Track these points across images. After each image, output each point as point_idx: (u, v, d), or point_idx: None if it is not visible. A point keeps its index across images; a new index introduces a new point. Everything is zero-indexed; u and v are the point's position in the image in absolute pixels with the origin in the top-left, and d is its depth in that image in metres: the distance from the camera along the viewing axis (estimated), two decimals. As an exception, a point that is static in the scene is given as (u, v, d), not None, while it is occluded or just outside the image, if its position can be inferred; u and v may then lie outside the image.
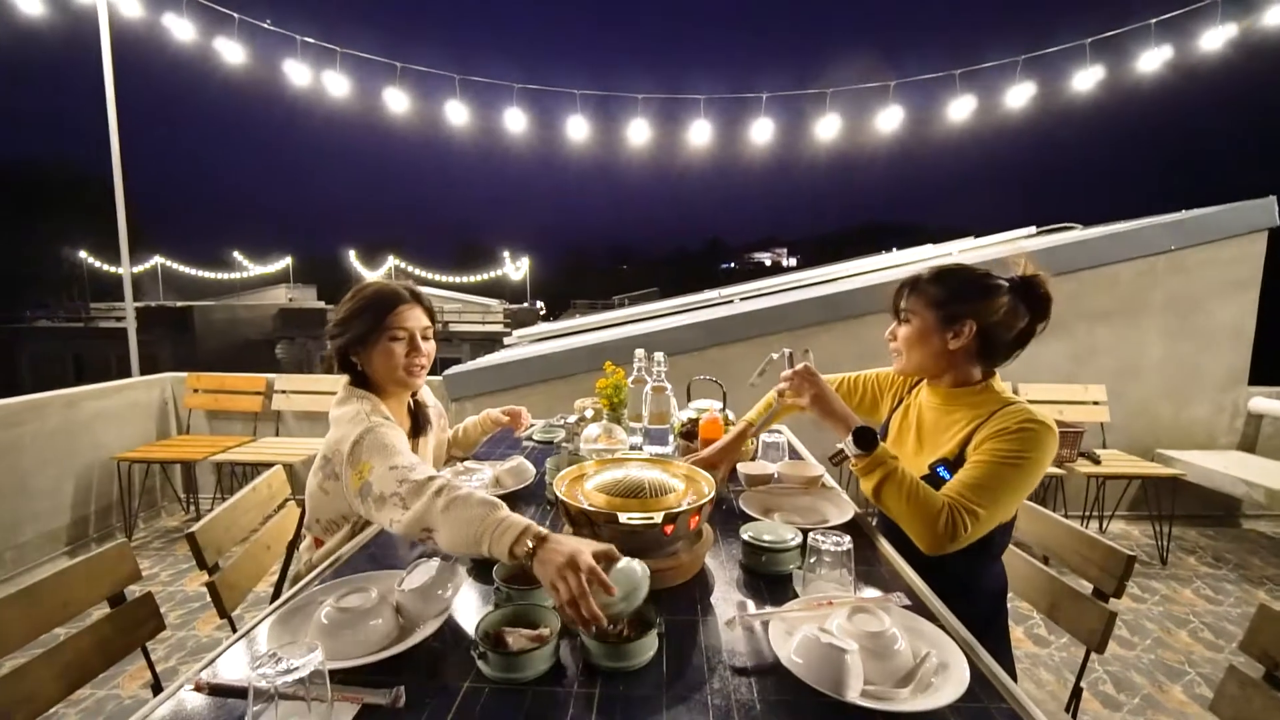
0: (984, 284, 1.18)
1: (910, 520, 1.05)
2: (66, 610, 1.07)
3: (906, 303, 1.23)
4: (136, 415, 3.31)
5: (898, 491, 1.06)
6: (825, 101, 4.58)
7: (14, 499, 2.67)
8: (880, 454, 1.08)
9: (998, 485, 1.06)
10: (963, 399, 1.21)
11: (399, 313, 1.33)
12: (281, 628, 0.85)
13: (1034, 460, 1.07)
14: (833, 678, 0.70)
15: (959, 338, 1.17)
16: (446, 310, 24.10)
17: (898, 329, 1.26)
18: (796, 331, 3.58)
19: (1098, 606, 1.18)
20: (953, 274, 1.21)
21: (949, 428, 1.21)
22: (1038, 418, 1.10)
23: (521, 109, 4.75)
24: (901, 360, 1.26)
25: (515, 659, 0.75)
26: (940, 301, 1.19)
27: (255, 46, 3.96)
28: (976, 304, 1.16)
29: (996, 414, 1.13)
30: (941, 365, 1.22)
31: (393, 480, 1.06)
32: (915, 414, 1.32)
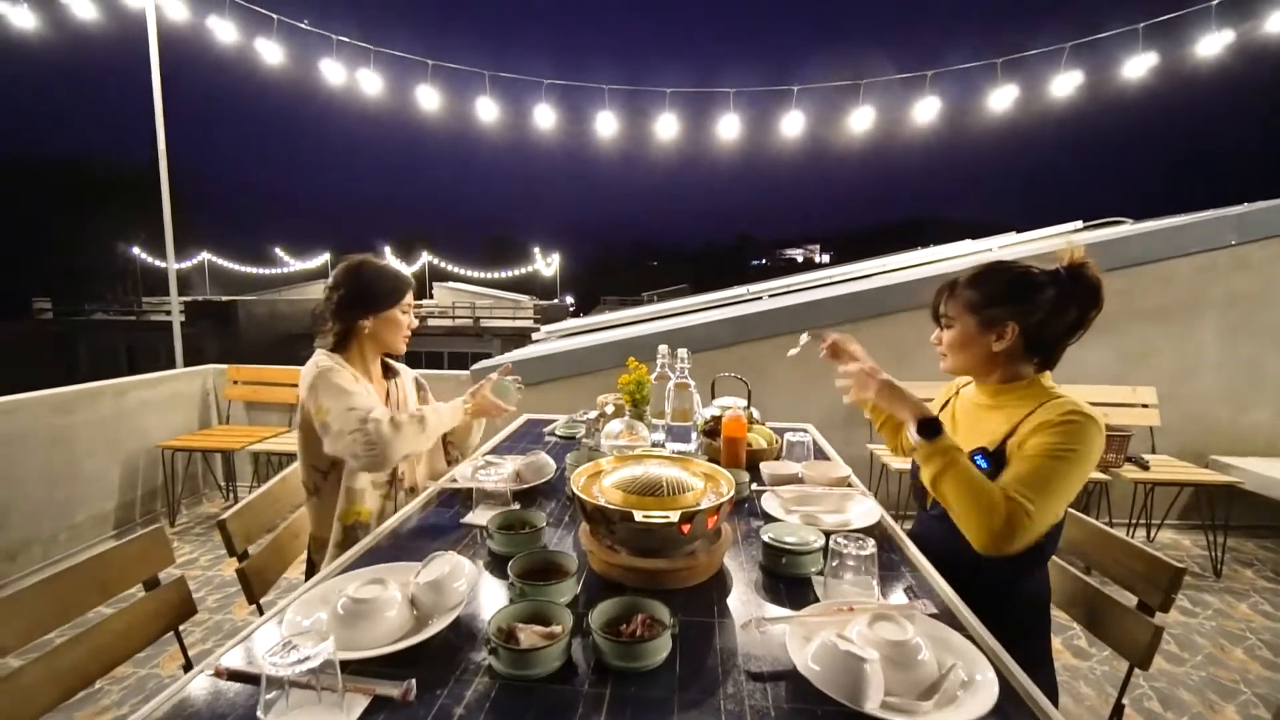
0: (1025, 281, 1.13)
1: (967, 514, 1.00)
2: (104, 593, 1.11)
3: (945, 307, 1.21)
4: (180, 405, 3.44)
5: (956, 482, 1.01)
6: (859, 94, 4.45)
7: (67, 483, 2.80)
8: (943, 442, 1.05)
9: (1048, 479, 1.00)
10: (1010, 394, 1.18)
11: (409, 294, 1.63)
12: (300, 617, 0.86)
13: (1082, 454, 1.02)
14: (850, 687, 0.67)
15: (1002, 340, 1.14)
16: (478, 306, 24.50)
17: (941, 334, 1.24)
18: (835, 328, 3.48)
19: (1143, 620, 1.11)
20: (991, 274, 1.16)
21: (993, 420, 1.18)
22: (1083, 409, 1.05)
23: (552, 105, 4.76)
24: (947, 362, 1.24)
25: (526, 656, 0.75)
26: (978, 305, 1.15)
27: (294, 47, 4.06)
28: (1018, 304, 1.12)
29: (1041, 407, 1.09)
30: (988, 367, 1.19)
31: (353, 419, 1.34)
32: (959, 407, 1.30)
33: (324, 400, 1.38)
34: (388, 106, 4.43)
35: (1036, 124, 33.77)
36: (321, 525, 1.47)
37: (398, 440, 1.35)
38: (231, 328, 16.08)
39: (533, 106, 4.63)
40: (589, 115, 4.89)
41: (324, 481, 1.47)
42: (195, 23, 3.67)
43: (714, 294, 5.41)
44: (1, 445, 2.57)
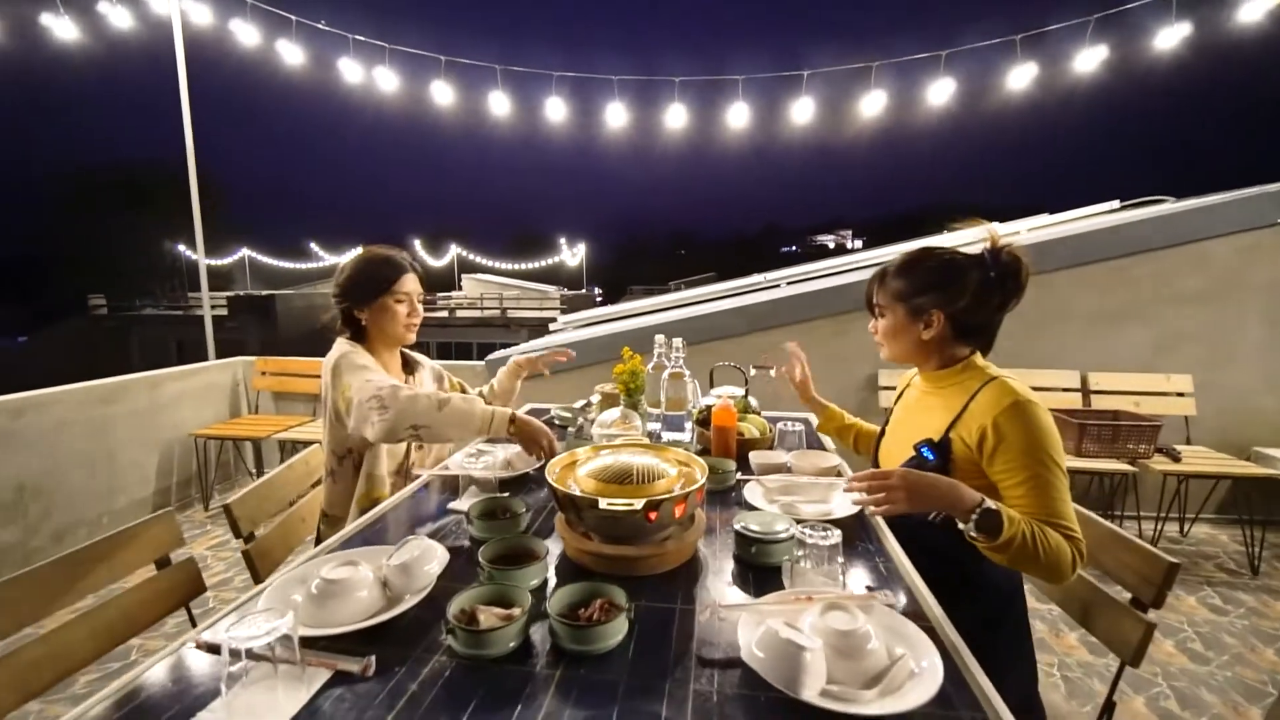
0: (948, 269, 1.15)
1: (1046, 575, 0.98)
2: (112, 573, 1.19)
3: (878, 297, 1.23)
4: (212, 395, 3.60)
5: (1029, 558, 0.94)
6: (874, 76, 4.31)
7: (108, 470, 2.97)
8: (1008, 536, 0.93)
9: (1060, 492, 1.00)
10: (947, 380, 1.20)
11: (405, 279, 1.57)
12: (280, 595, 0.90)
13: (1051, 440, 1.02)
14: (788, 674, 0.67)
15: (930, 328, 1.16)
16: (505, 297, 24.81)
17: (875, 321, 1.26)
18: (839, 316, 3.45)
19: (1134, 616, 1.08)
20: (917, 263, 1.19)
21: (935, 409, 1.20)
22: (1020, 396, 1.05)
23: (576, 98, 4.76)
24: (885, 350, 1.26)
25: (481, 636, 0.77)
26: (906, 294, 1.18)
27: (316, 47, 4.16)
28: (942, 291, 1.14)
29: (981, 393, 1.10)
30: (922, 354, 1.21)
31: (370, 388, 1.34)
32: (909, 396, 1.33)
33: (346, 378, 1.42)
34: (415, 104, 4.49)
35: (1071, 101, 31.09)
36: (334, 504, 1.53)
37: (411, 407, 1.32)
38: (270, 320, 16.65)
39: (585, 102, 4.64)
40: (614, 108, 4.86)
41: (339, 465, 1.52)
42: (220, 28, 3.80)
43: (731, 283, 5.37)
44: (49, 434, 2.74)
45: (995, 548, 0.95)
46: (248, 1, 3.65)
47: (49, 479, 2.73)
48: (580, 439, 1.55)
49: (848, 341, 3.38)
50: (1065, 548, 0.96)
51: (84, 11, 3.60)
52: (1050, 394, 3.21)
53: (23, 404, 2.66)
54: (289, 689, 0.71)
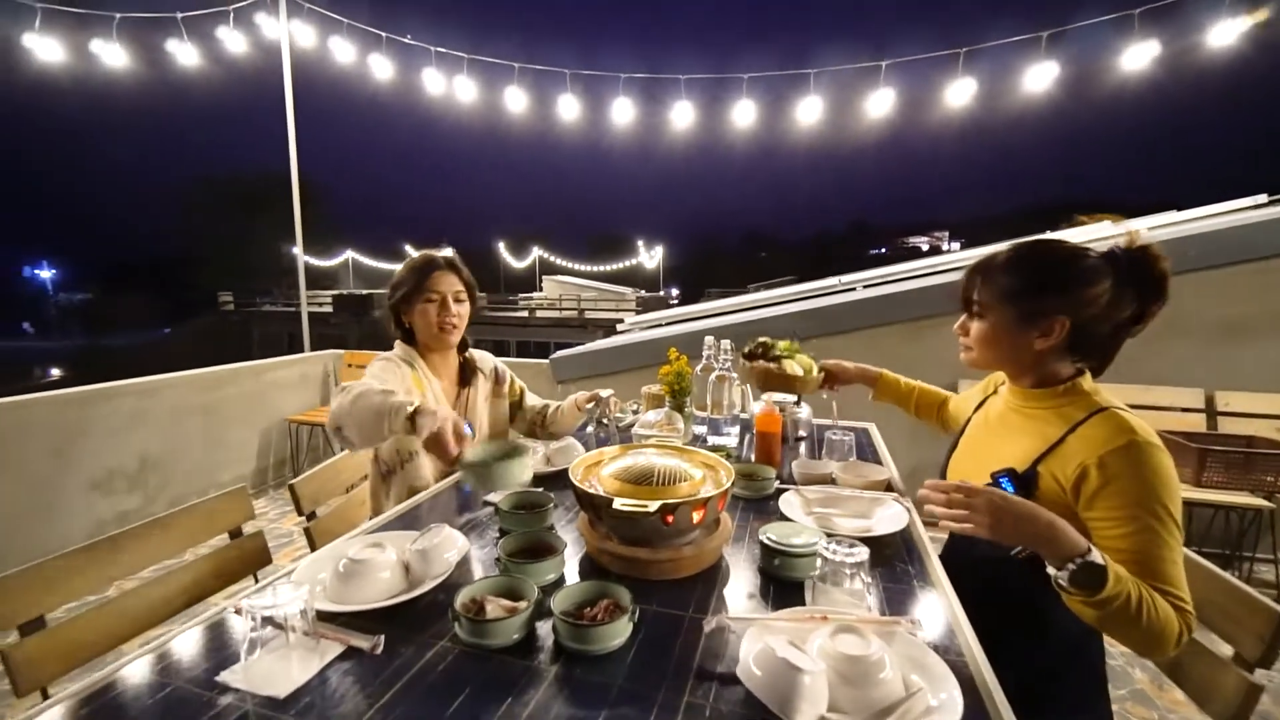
0: (1077, 268, 0.94)
1: (1142, 646, 0.83)
2: (193, 538, 1.32)
3: (980, 294, 1.02)
4: (305, 385, 3.92)
5: (1127, 622, 0.80)
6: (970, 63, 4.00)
7: (215, 449, 3.31)
8: (1110, 594, 0.78)
9: (1165, 550, 0.84)
10: (1044, 401, 1.01)
11: (435, 277, 1.53)
12: (311, 571, 0.96)
13: (1170, 496, 0.85)
14: (782, 696, 0.63)
15: (1048, 337, 0.96)
16: (583, 298, 25.38)
17: (969, 322, 1.05)
18: (914, 323, 3.24)
19: (1237, 675, 0.93)
20: (1035, 256, 0.98)
21: (1023, 433, 1.02)
22: (1139, 435, 0.87)
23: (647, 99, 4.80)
24: (972, 356, 1.07)
25: (483, 625, 0.78)
26: (1018, 293, 0.97)
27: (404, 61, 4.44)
28: (1069, 295, 0.94)
29: (1082, 427, 0.92)
30: (1022, 367, 1.02)
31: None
32: (994, 416, 1.14)
33: None
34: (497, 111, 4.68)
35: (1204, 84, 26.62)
36: (375, 494, 1.58)
37: (334, 408, 1.20)
38: (369, 316, 17.98)
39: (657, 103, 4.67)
40: (683, 106, 4.85)
41: (372, 465, 1.55)
42: (322, 47, 4.15)
43: (804, 285, 5.19)
44: (169, 414, 3.10)
45: (1089, 603, 0.79)
46: (344, 21, 3.97)
47: (167, 454, 3.08)
48: (603, 430, 1.57)
49: (922, 349, 3.17)
50: (1174, 621, 0.80)
51: (205, 37, 4.06)
52: (1166, 415, 2.85)
53: (148, 387, 3.02)
54: (303, 659, 0.75)
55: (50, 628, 1.02)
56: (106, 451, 2.83)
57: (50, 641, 1.01)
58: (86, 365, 24.48)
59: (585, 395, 1.67)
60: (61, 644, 1.02)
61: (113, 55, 3.87)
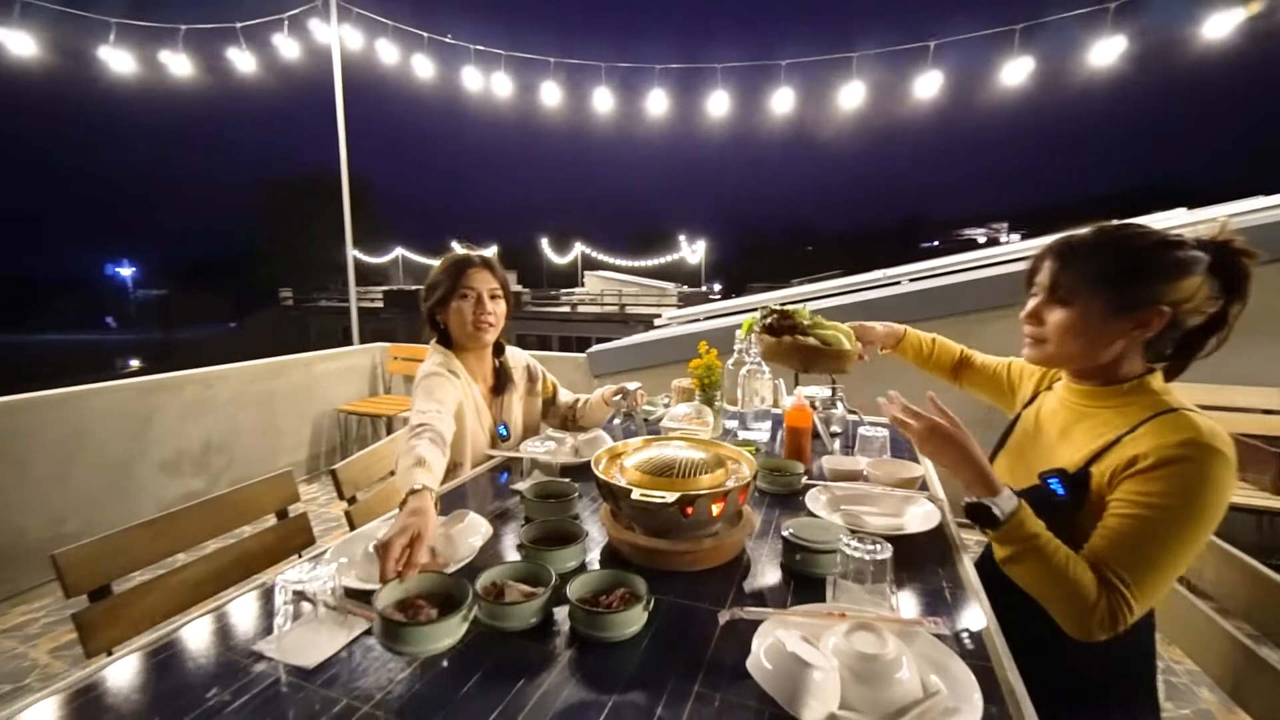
0: (1177, 254, 0.85)
1: (1052, 606, 0.82)
2: (243, 517, 1.40)
3: (1064, 277, 0.91)
4: (354, 376, 4.08)
5: (1031, 573, 0.83)
6: (1026, 41, 3.77)
7: (270, 435, 3.50)
8: (1016, 531, 0.83)
9: (1154, 550, 0.78)
10: (1108, 399, 0.94)
11: (469, 274, 1.54)
12: (345, 550, 1.00)
13: (1205, 506, 0.78)
14: (789, 691, 0.62)
15: (1146, 329, 0.87)
16: (625, 294, 25.46)
17: (1045, 310, 0.94)
18: (960, 317, 3.11)
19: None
20: (1130, 238, 0.88)
21: (1079, 432, 0.95)
22: (1203, 437, 0.80)
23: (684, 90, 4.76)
24: (1045, 350, 0.96)
25: (501, 608, 0.80)
26: (1114, 278, 0.87)
27: (446, 60, 4.55)
28: (1171, 282, 0.85)
29: (1145, 426, 0.85)
30: (1102, 362, 0.93)
31: (415, 417, 1.30)
32: (1047, 413, 1.06)
33: (415, 400, 1.44)
34: (543, 109, 4.74)
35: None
36: None
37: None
38: (417, 311, 18.61)
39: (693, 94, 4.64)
40: (718, 97, 4.79)
41: None
42: (369, 50, 4.30)
43: (848, 279, 5.05)
44: (229, 402, 3.29)
45: (998, 539, 0.85)
46: (389, 23, 4.10)
47: (229, 439, 3.27)
48: (630, 422, 1.58)
49: (971, 345, 3.04)
50: (1093, 592, 0.78)
51: (262, 45, 4.26)
52: (1244, 417, 2.65)
53: (210, 377, 3.21)
54: (332, 633, 0.79)
55: (115, 595, 1.10)
56: (173, 436, 3.02)
57: (115, 608, 1.09)
58: (162, 357, 26.26)
59: (612, 389, 1.68)
60: (125, 611, 1.10)
61: (179, 65, 4.12)
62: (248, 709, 0.68)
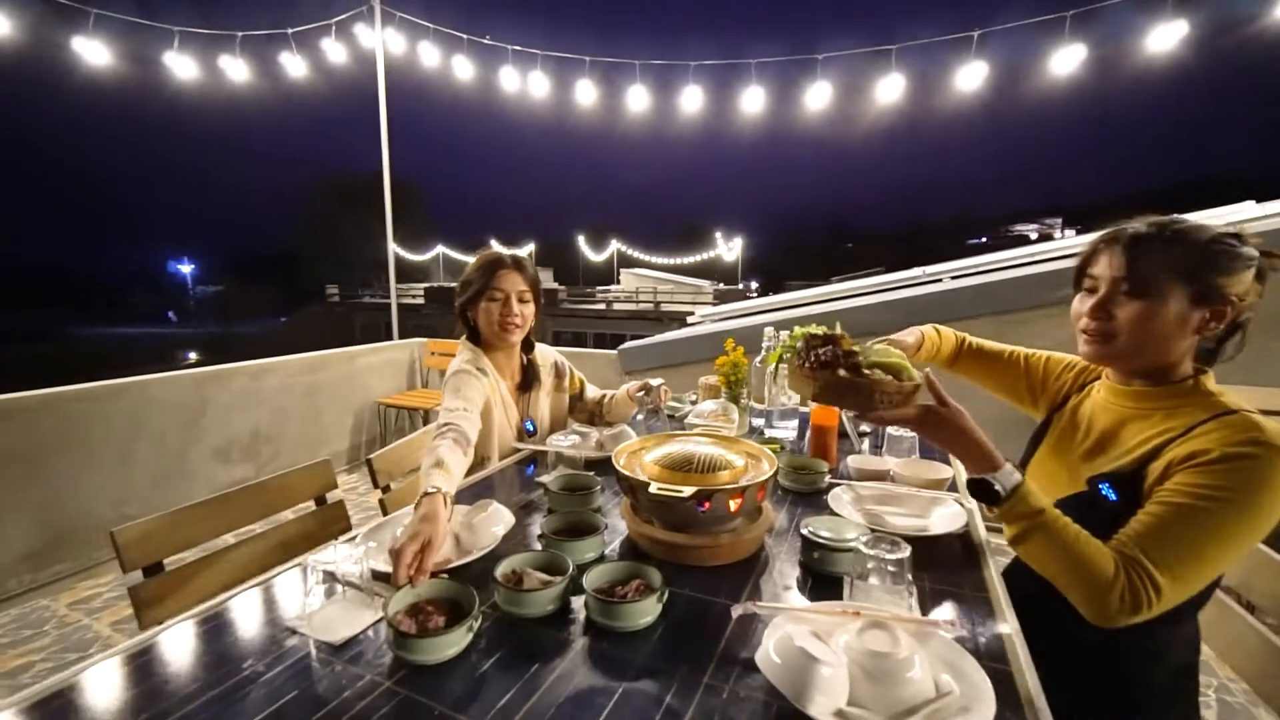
0: (1238, 250, 0.83)
1: (1066, 586, 0.80)
2: (286, 502, 1.47)
3: (1138, 268, 0.86)
4: (394, 370, 4.22)
5: (1044, 547, 0.81)
6: (1077, 29, 3.59)
7: (314, 426, 3.64)
8: (1019, 507, 0.82)
9: (1194, 537, 0.75)
10: (1160, 400, 0.90)
11: (499, 275, 1.57)
12: (375, 535, 1.05)
13: (1257, 503, 0.75)
14: (796, 685, 0.62)
15: (1217, 324, 0.85)
16: (660, 291, 25.46)
17: (1114, 304, 0.89)
18: (1004, 316, 3.01)
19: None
20: (1195, 231, 0.85)
21: (1131, 434, 0.91)
22: (1268, 436, 0.76)
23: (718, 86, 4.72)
24: (1114, 346, 0.90)
25: (519, 595, 0.83)
26: (1192, 270, 0.83)
27: (485, 61, 4.64)
28: (1234, 277, 0.83)
29: (1203, 426, 0.82)
30: (1167, 360, 0.89)
31: (443, 415, 1.35)
32: (1087, 415, 1.02)
33: (444, 397, 1.46)
34: (585, 109, 4.78)
35: None
36: None
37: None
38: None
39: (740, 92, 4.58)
40: (753, 92, 4.74)
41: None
42: (411, 52, 4.43)
43: (885, 276, 4.94)
44: (276, 393, 3.44)
45: (1002, 515, 0.84)
46: (430, 26, 4.21)
47: (275, 428, 3.42)
48: (654, 418, 1.58)
49: (1011, 344, 2.94)
50: (1106, 561, 0.76)
51: (312, 49, 4.43)
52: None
53: (259, 369, 3.37)
54: (359, 612, 0.82)
55: (168, 572, 1.18)
56: (224, 425, 3.19)
57: (167, 584, 1.17)
58: (219, 349, 27.62)
59: (637, 384, 1.69)
60: (176, 586, 1.18)
61: (237, 70, 4.32)
62: (278, 680, 0.72)
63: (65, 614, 2.29)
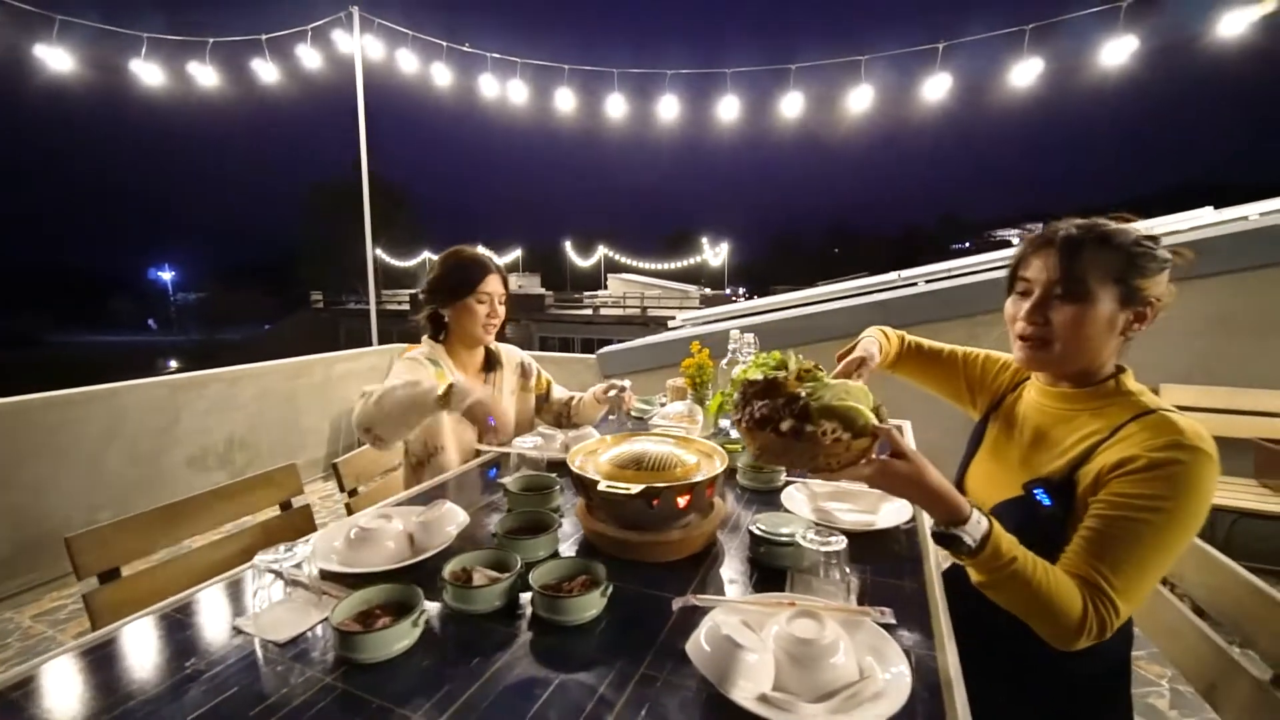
0: (1157, 252, 0.87)
1: (1037, 624, 0.78)
2: (248, 507, 1.47)
3: (1072, 272, 0.87)
4: (372, 376, 4.20)
5: (1017, 594, 0.78)
6: (1039, 41, 3.69)
7: (292, 432, 3.62)
8: (989, 560, 0.77)
9: (1140, 554, 0.77)
10: (1086, 401, 0.92)
11: (486, 280, 1.61)
12: (329, 536, 1.05)
13: (1189, 510, 0.77)
14: (720, 671, 0.65)
15: (1140, 324, 0.88)
16: (647, 296, 25.54)
17: (1051, 307, 0.89)
18: (975, 318, 3.07)
19: (1273, 700, 0.85)
20: (1121, 233, 0.87)
21: (1062, 436, 0.93)
22: (1188, 439, 0.79)
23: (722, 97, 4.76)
24: (1051, 351, 0.91)
25: (465, 591, 0.84)
26: (1123, 272, 0.85)
27: (475, 69, 4.66)
28: (1154, 279, 0.86)
29: (1127, 429, 0.85)
30: (1096, 361, 0.91)
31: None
32: (1021, 416, 1.04)
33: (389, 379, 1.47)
34: (570, 116, 4.80)
35: None
36: (409, 484, 1.69)
37: (361, 412, 1.31)
38: (442, 315, 18.97)
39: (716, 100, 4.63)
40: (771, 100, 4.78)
41: (404, 456, 1.65)
42: (390, 60, 4.44)
43: (862, 281, 5.01)
44: (254, 400, 3.42)
45: (974, 566, 0.79)
46: (409, 34, 4.23)
47: (252, 435, 3.40)
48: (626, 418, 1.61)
49: (982, 346, 3.00)
50: (1075, 600, 0.75)
51: (290, 54, 4.43)
52: (1265, 421, 2.56)
53: (236, 375, 3.35)
54: (305, 611, 0.83)
55: (124, 578, 1.17)
56: (200, 432, 3.16)
57: (123, 590, 1.16)
58: (201, 357, 27.23)
59: (603, 387, 1.71)
60: (132, 592, 1.18)
61: (211, 77, 4.30)
62: (220, 677, 0.73)
63: (29, 625, 2.26)
